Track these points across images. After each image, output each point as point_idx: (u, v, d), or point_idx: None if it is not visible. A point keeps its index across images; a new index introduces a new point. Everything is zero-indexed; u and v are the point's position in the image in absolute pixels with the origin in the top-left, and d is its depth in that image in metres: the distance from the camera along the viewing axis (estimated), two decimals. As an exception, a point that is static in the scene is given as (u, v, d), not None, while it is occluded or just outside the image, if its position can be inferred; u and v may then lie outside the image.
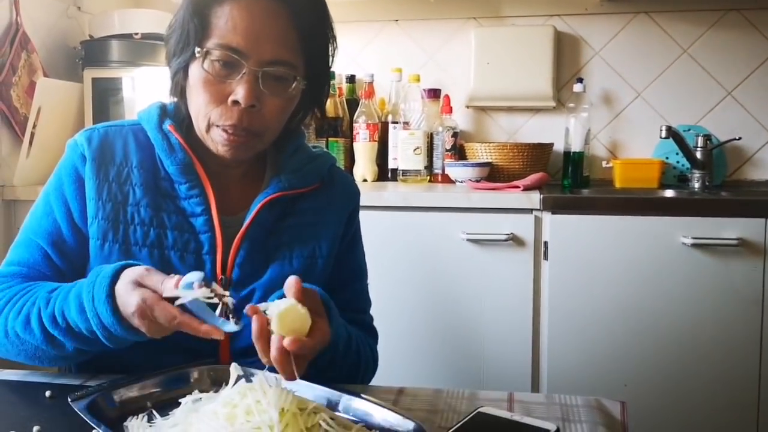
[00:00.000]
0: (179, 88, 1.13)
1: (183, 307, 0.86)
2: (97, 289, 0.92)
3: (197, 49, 1.05)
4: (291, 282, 0.88)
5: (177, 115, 1.17)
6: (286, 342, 0.80)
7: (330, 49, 1.16)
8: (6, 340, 1.04)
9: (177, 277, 0.88)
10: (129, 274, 0.91)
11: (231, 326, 0.86)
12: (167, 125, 1.14)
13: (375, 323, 1.28)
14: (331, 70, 1.20)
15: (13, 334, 1.02)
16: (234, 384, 0.81)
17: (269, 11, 1.05)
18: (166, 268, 1.07)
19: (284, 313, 0.81)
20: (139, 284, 0.90)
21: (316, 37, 1.11)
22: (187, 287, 0.85)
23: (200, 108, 1.07)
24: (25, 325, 1.00)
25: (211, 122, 1.07)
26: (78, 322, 0.95)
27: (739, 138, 2.46)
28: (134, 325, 0.90)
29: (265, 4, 1.05)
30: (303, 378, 0.86)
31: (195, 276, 0.85)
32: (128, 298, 0.89)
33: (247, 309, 0.83)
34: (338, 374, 1.05)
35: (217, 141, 1.08)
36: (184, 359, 0.97)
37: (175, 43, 1.10)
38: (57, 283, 1.05)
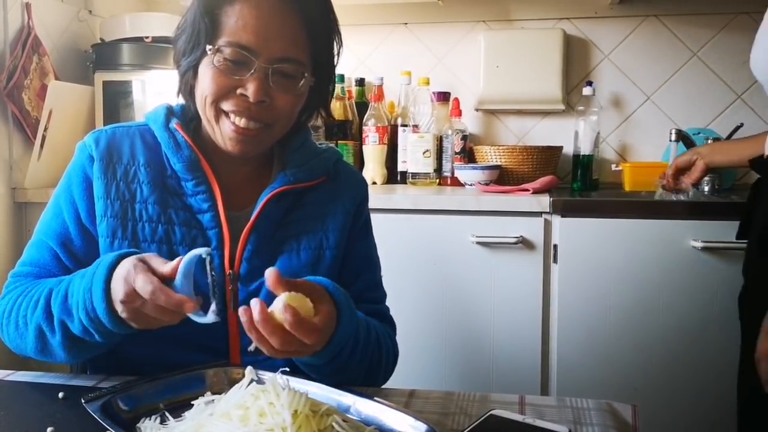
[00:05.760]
0: (188, 88, 1.15)
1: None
2: (100, 267, 0.95)
3: (208, 47, 1.07)
4: (270, 274, 0.89)
5: (184, 115, 1.19)
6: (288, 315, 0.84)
7: (335, 47, 1.18)
8: (16, 333, 1.05)
9: (179, 258, 0.91)
10: (135, 256, 0.95)
11: (207, 317, 0.88)
12: (173, 124, 1.16)
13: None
14: (336, 69, 1.21)
15: (23, 324, 1.04)
16: (247, 386, 0.81)
17: (279, 9, 1.07)
18: None
19: (290, 298, 0.86)
20: (141, 260, 0.93)
21: (323, 35, 1.13)
22: (188, 263, 0.90)
23: (208, 98, 1.09)
24: (33, 310, 1.02)
25: (220, 109, 1.09)
26: (76, 298, 0.97)
27: (750, 141, 2.46)
28: (115, 294, 0.92)
29: (275, 3, 1.07)
30: (328, 373, 0.87)
31: (202, 250, 0.90)
32: (122, 266, 0.93)
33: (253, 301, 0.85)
34: (361, 365, 1.06)
35: (225, 134, 1.10)
36: (194, 357, 0.98)
37: (185, 43, 1.12)
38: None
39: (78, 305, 0.96)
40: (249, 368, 0.85)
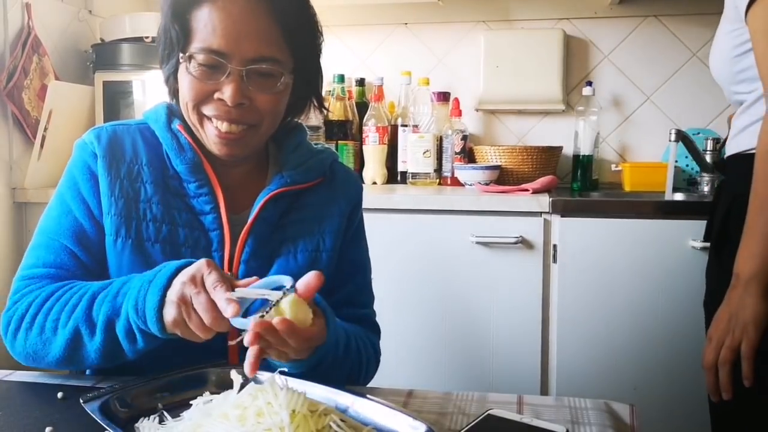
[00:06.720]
0: (174, 92, 1.16)
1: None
2: (167, 267, 0.95)
3: (181, 55, 1.07)
4: (312, 280, 0.88)
5: (183, 115, 1.18)
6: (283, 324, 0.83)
7: (316, 40, 1.16)
8: (39, 338, 1.01)
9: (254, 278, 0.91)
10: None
11: (243, 322, 0.85)
12: (176, 125, 1.15)
13: (384, 325, 1.28)
14: (323, 60, 1.20)
15: (51, 328, 1.00)
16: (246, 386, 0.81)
17: (248, 9, 1.06)
18: None
19: (295, 302, 0.85)
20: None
21: (300, 29, 1.12)
22: (266, 285, 0.89)
23: (189, 104, 1.09)
24: (70, 313, 0.99)
25: (202, 113, 1.09)
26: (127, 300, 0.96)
27: (749, 141, 2.46)
28: (174, 287, 0.91)
29: (244, 3, 1.06)
30: (308, 380, 0.88)
31: (287, 280, 0.88)
32: (192, 266, 0.92)
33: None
34: (339, 374, 1.05)
35: (210, 138, 1.10)
36: (192, 356, 0.98)
37: (161, 51, 1.12)
38: (89, 281, 1.04)
39: (130, 301, 0.94)
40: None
